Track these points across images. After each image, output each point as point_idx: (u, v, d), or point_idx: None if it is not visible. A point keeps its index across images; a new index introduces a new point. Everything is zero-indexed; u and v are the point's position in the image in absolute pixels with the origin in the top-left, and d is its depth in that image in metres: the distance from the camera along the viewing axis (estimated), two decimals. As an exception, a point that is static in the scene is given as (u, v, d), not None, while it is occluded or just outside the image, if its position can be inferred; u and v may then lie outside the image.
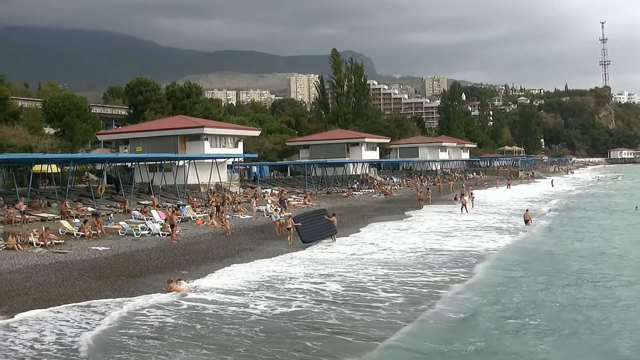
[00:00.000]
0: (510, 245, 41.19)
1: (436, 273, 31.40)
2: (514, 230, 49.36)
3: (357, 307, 24.39)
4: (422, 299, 25.90)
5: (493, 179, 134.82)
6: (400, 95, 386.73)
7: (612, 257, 35.28)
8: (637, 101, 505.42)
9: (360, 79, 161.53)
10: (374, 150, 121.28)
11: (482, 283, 28.92)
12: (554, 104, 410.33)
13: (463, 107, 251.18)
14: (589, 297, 25.43)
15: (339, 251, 38.77)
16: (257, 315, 23.40)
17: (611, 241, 41.97)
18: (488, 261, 34.42)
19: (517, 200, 79.83)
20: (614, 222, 53.72)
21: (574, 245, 40.53)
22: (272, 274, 31.26)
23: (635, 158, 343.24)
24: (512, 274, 31.02)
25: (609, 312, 23.19)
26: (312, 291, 27.36)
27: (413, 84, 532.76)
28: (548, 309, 23.83)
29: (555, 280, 29.31)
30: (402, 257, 36.30)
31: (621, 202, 76.49)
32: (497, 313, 23.40)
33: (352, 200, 76.80)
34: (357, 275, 30.85)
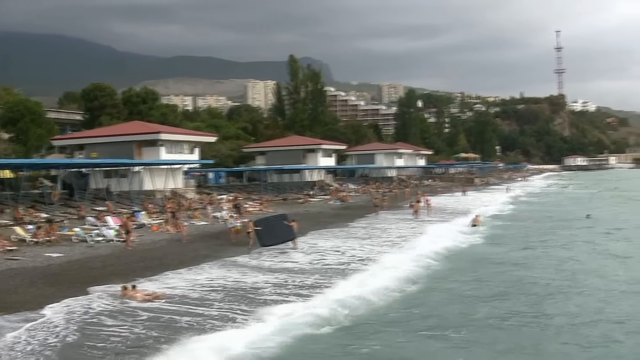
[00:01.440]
0: (448, 250, 41.43)
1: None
2: (459, 235, 49.64)
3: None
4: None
5: (449, 186, 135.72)
6: (357, 102, 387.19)
7: (550, 266, 35.62)
8: (591, 109, 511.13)
9: (317, 85, 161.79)
10: (330, 156, 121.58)
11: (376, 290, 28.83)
12: (509, 111, 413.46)
13: (419, 114, 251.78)
14: (514, 309, 25.64)
15: (291, 259, 38.53)
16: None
17: (554, 249, 42.32)
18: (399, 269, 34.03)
19: (470, 206, 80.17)
20: (562, 231, 54.00)
21: (515, 253, 40.94)
22: (226, 281, 31.15)
23: (589, 165, 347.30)
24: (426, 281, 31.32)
25: (534, 320, 23.69)
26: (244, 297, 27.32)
27: (370, 91, 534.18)
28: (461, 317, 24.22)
29: (481, 288, 29.73)
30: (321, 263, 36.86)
31: (572, 210, 76.97)
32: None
33: (308, 207, 76.84)
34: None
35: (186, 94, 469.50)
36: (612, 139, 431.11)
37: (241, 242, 43.74)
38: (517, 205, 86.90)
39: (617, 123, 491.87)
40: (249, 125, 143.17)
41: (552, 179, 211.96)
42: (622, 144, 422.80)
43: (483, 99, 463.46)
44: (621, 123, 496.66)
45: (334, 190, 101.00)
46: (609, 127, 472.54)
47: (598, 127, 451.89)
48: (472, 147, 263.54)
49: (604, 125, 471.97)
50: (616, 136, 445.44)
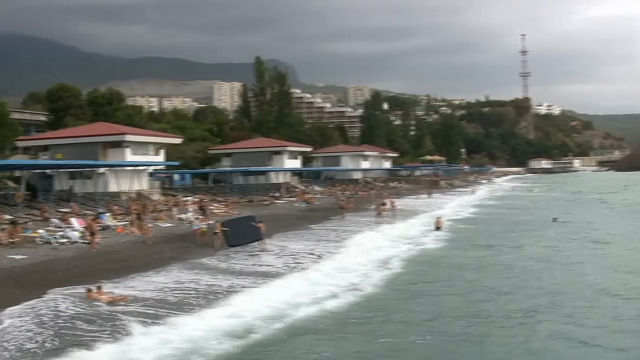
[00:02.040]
0: (410, 253, 41.72)
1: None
2: (420, 238, 50.11)
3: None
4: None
5: (414, 188, 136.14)
6: (323, 104, 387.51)
7: (512, 270, 35.79)
8: (556, 112, 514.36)
9: (283, 87, 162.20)
10: (296, 158, 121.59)
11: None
12: (475, 114, 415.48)
13: (385, 116, 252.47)
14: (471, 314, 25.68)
15: (261, 262, 38.68)
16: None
17: (518, 253, 42.51)
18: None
19: (434, 209, 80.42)
20: (527, 234, 54.25)
21: (478, 256, 41.05)
22: (188, 284, 31.17)
23: (554, 168, 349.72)
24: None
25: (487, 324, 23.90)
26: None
27: (336, 93, 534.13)
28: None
29: (440, 292, 29.96)
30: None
31: (539, 213, 77.42)
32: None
33: (274, 209, 76.73)
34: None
35: (152, 95, 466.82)
36: (576, 142, 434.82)
37: (207, 244, 43.81)
38: (482, 208, 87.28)
39: (581, 126, 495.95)
40: (214, 127, 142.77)
41: (517, 181, 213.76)
42: (586, 147, 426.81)
43: (449, 102, 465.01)
44: (585, 126, 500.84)
45: (300, 192, 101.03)
46: (574, 130, 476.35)
47: (562, 130, 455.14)
48: (437, 150, 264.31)
49: (569, 128, 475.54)
50: (580, 139, 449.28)
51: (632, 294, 28.67)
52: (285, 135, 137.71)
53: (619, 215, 71.02)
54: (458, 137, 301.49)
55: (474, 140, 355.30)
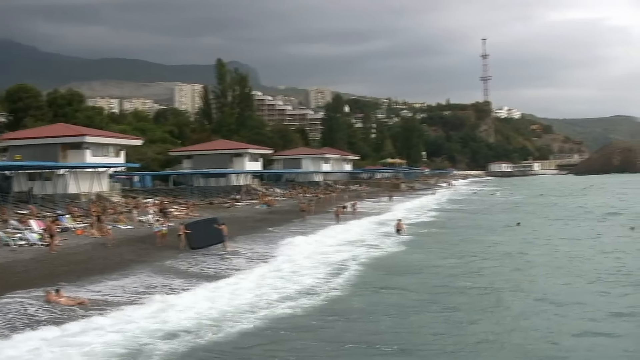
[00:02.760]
0: (370, 257, 41.71)
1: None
2: (380, 241, 50.13)
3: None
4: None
5: (375, 191, 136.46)
6: (284, 107, 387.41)
7: (473, 274, 35.81)
8: (516, 116, 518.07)
9: (244, 89, 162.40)
10: (257, 161, 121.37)
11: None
12: (435, 117, 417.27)
13: (346, 119, 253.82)
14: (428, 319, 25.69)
15: (220, 264, 38.76)
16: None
17: (481, 258, 42.53)
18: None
19: (395, 212, 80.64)
20: (490, 237, 54.31)
21: (438, 260, 40.95)
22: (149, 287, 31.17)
23: (514, 171, 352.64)
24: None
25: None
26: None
27: (297, 96, 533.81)
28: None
29: (396, 297, 29.78)
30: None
31: (501, 217, 77.60)
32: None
33: (234, 211, 76.53)
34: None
35: (112, 97, 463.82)
36: (536, 145, 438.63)
37: (167, 247, 43.75)
38: (444, 212, 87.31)
39: (541, 130, 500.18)
40: (175, 129, 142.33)
41: (477, 185, 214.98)
42: (546, 150, 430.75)
43: (410, 105, 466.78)
44: (545, 130, 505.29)
45: (261, 194, 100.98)
46: (534, 134, 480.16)
47: (523, 134, 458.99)
48: (398, 153, 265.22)
49: (529, 132, 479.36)
50: (540, 143, 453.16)
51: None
52: (247, 138, 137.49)
53: (579, 220, 71.41)
54: (419, 140, 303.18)
55: (435, 143, 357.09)
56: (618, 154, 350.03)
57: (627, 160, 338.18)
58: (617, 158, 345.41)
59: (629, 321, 24.54)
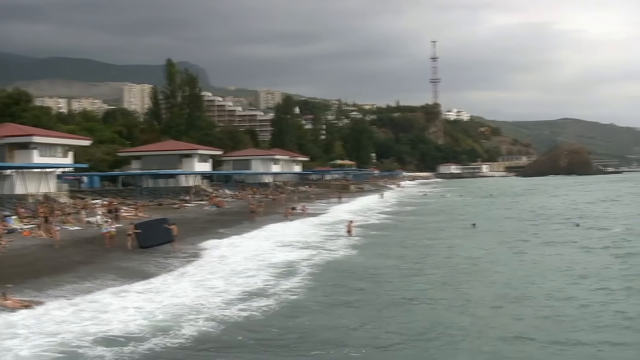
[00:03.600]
0: (320, 260, 41.31)
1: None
2: (330, 243, 49.98)
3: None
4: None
5: (325, 192, 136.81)
6: (234, 108, 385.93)
7: (418, 276, 35.74)
8: (465, 118, 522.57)
9: (194, 90, 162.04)
10: (206, 162, 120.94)
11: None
12: (385, 119, 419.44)
13: (296, 120, 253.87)
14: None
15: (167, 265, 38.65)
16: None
17: (432, 259, 42.64)
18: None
19: (345, 213, 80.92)
20: (443, 240, 54.31)
21: (388, 262, 40.80)
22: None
23: (463, 173, 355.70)
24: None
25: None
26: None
27: (247, 97, 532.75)
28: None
29: (343, 302, 29.44)
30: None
31: (455, 218, 78.06)
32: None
33: (183, 212, 76.23)
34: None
35: (60, 96, 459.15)
36: (484, 147, 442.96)
37: (116, 248, 43.57)
38: (394, 214, 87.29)
39: (490, 132, 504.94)
40: (124, 129, 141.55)
41: (427, 186, 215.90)
42: (494, 152, 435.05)
43: (359, 107, 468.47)
44: (494, 132, 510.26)
45: (210, 195, 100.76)
46: (482, 136, 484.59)
47: (471, 136, 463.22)
48: (348, 154, 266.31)
49: (477, 134, 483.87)
50: (489, 145, 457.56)
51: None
52: (196, 139, 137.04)
53: (529, 222, 72.31)
54: (368, 141, 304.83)
55: (384, 145, 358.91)
56: (565, 156, 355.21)
57: (574, 162, 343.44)
58: (564, 160, 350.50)
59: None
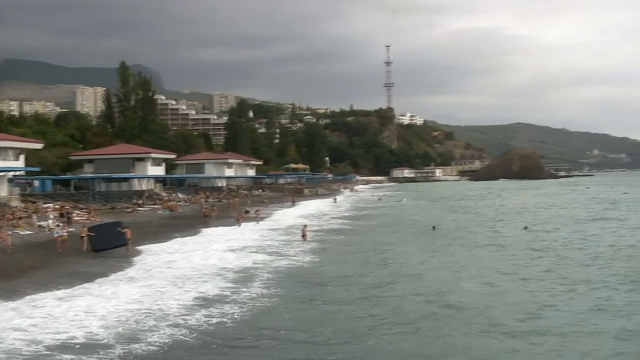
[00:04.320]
0: (274, 266, 40.70)
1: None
2: (284, 248, 49.68)
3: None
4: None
5: (278, 196, 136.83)
6: (187, 111, 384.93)
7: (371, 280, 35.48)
8: (419, 122, 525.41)
9: (147, 93, 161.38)
10: (160, 165, 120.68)
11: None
12: (339, 123, 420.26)
13: (250, 124, 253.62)
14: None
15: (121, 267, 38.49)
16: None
17: (392, 264, 42.30)
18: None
19: (299, 217, 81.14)
20: (399, 242, 54.56)
21: (344, 268, 40.40)
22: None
23: (416, 177, 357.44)
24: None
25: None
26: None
27: (201, 100, 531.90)
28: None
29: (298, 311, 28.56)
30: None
31: (413, 221, 78.50)
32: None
33: (136, 216, 75.98)
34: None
35: (12, 99, 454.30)
36: (438, 151, 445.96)
37: (68, 252, 43.37)
38: (349, 219, 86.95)
39: (443, 136, 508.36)
40: (77, 133, 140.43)
41: (381, 190, 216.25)
42: (447, 156, 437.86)
43: (313, 111, 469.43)
44: (447, 136, 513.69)
45: (164, 199, 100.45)
46: (436, 140, 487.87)
47: (425, 140, 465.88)
48: (301, 158, 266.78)
49: (431, 138, 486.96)
50: (442, 149, 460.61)
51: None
52: (149, 142, 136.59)
53: (487, 223, 73.29)
54: (322, 145, 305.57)
55: (338, 149, 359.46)
56: (518, 160, 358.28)
57: (527, 167, 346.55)
58: (517, 164, 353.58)
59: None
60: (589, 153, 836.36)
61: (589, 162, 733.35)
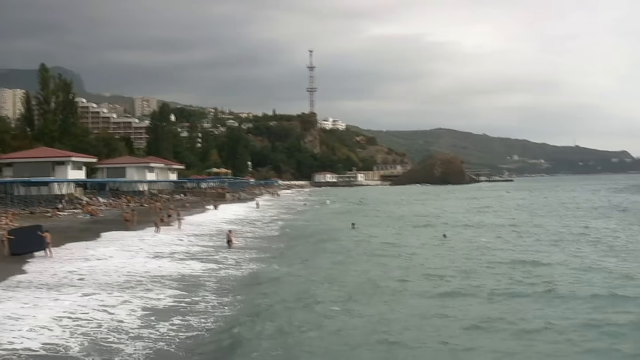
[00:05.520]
0: (202, 272, 40.51)
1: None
2: (209, 254, 49.56)
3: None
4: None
5: (200, 201, 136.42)
6: (109, 114, 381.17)
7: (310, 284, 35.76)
8: (341, 127, 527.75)
9: (68, 96, 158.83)
10: (80, 169, 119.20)
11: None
12: (261, 127, 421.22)
13: (172, 128, 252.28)
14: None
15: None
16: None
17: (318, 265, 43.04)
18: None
19: (222, 222, 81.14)
20: (323, 244, 55.81)
21: (271, 271, 40.68)
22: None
23: (338, 182, 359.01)
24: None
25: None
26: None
27: (123, 104, 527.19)
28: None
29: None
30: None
31: (335, 225, 79.39)
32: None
33: (57, 221, 75.15)
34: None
35: None
36: (360, 156, 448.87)
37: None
38: (274, 222, 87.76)
39: (365, 141, 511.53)
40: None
41: (303, 195, 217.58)
42: (369, 161, 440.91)
43: (236, 115, 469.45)
44: (369, 142, 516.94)
45: (84, 204, 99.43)
46: (358, 145, 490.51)
47: (347, 145, 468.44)
48: (224, 162, 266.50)
49: (353, 143, 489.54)
50: (364, 154, 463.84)
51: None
52: (70, 146, 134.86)
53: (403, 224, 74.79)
54: (244, 150, 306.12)
55: (261, 153, 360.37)
56: (439, 166, 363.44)
57: (448, 172, 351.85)
58: (438, 169, 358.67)
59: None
60: (509, 158, 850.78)
61: (509, 167, 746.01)
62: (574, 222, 76.65)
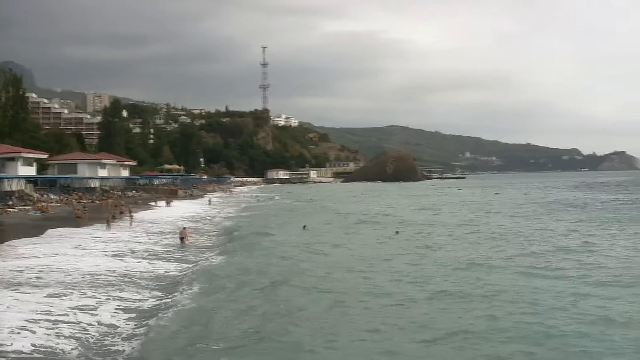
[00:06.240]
0: (150, 273, 39.27)
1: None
2: (161, 253, 48.81)
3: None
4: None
5: (153, 197, 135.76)
6: (60, 110, 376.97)
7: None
8: (294, 124, 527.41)
9: (18, 91, 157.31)
10: (31, 165, 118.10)
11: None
12: (214, 124, 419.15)
13: (124, 124, 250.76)
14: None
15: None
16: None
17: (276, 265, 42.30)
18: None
19: (175, 219, 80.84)
20: (277, 243, 54.92)
21: (230, 269, 39.72)
22: None
23: (291, 179, 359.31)
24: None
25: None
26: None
27: (74, 99, 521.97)
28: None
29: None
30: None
31: (288, 220, 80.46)
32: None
33: (6, 218, 74.21)
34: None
35: None
36: (313, 153, 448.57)
37: None
38: (227, 219, 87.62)
39: (318, 138, 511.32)
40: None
41: (255, 192, 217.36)
42: (322, 158, 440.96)
43: (188, 111, 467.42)
44: (322, 138, 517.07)
45: (35, 200, 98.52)
46: (311, 142, 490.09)
47: (300, 142, 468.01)
48: (176, 159, 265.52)
49: (306, 140, 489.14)
50: (317, 151, 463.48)
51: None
52: (20, 141, 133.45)
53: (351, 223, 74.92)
54: (197, 146, 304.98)
55: (213, 150, 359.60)
56: (392, 163, 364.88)
57: (400, 169, 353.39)
58: (390, 166, 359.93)
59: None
60: (461, 156, 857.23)
61: (461, 164, 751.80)
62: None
